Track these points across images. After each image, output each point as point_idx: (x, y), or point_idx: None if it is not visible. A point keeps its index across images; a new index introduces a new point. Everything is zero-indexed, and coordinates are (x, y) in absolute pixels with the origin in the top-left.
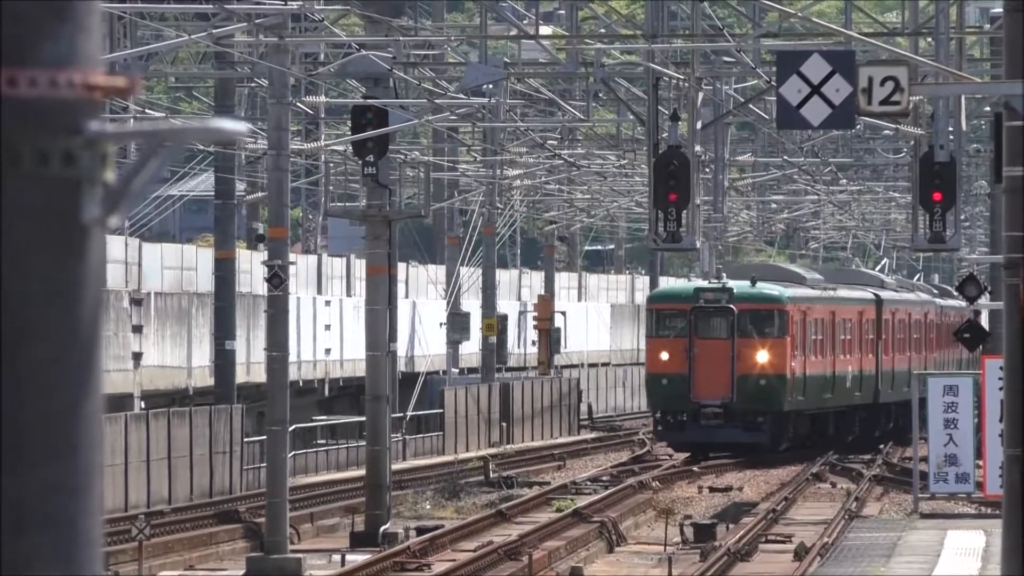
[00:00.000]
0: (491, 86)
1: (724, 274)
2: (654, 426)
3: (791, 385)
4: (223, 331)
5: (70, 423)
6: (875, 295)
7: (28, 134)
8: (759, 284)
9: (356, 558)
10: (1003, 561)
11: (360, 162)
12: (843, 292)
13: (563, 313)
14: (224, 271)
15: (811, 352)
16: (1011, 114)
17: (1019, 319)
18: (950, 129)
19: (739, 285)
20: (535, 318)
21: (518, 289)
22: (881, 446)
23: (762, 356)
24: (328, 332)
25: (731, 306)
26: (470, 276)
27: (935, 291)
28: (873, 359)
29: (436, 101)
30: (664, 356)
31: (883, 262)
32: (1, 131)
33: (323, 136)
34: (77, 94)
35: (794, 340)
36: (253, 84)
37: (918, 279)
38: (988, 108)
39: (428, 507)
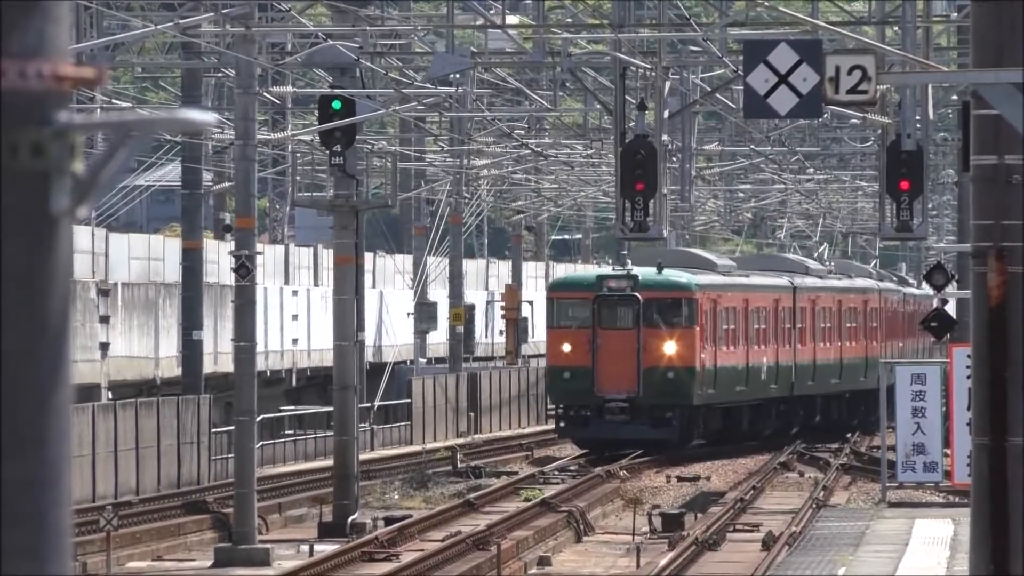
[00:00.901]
0: (458, 76)
1: (629, 260)
2: (556, 422)
3: (701, 378)
4: (190, 321)
5: (39, 415)
6: (790, 282)
7: None
8: (666, 271)
9: (324, 548)
10: (971, 550)
11: (327, 152)
12: (756, 279)
13: (530, 302)
14: (191, 261)
15: (722, 343)
16: (979, 102)
17: (987, 308)
18: (917, 118)
19: (644, 272)
20: (502, 307)
21: (485, 279)
22: (848, 435)
23: (669, 347)
24: (295, 322)
25: (636, 294)
26: (437, 266)
27: (894, 279)
28: (790, 349)
29: (403, 91)
30: (566, 348)
31: (822, 248)
32: None
33: (290, 126)
34: (46, 85)
35: (703, 330)
36: (220, 74)
37: (874, 266)
38: (955, 97)
39: (396, 497)
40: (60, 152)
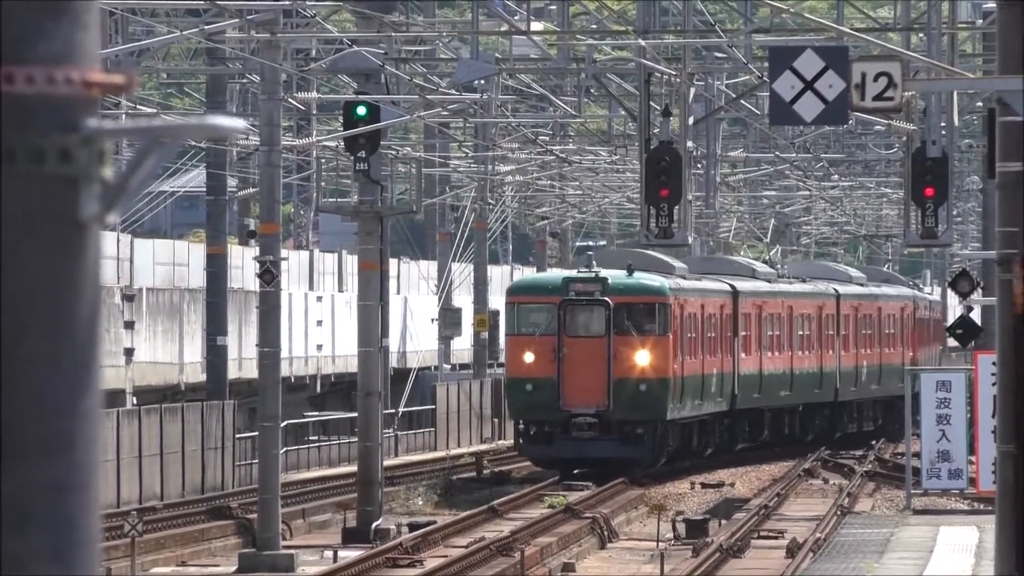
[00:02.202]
0: (482, 82)
1: (594, 261)
2: (515, 439)
3: (674, 390)
4: (215, 327)
5: (68, 420)
6: (731, 286)
7: (24, 131)
8: (636, 273)
9: (348, 554)
10: (997, 558)
11: (352, 158)
12: (708, 283)
13: None
14: (216, 267)
15: (688, 352)
16: (1004, 110)
17: (1012, 315)
18: (942, 124)
19: (614, 274)
20: None
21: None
22: (873, 442)
23: (642, 357)
24: (320, 328)
25: (606, 299)
26: (461, 272)
27: (908, 284)
28: (731, 359)
29: (428, 97)
30: (528, 358)
31: (773, 250)
32: None
33: (315, 132)
34: (75, 91)
35: (676, 338)
36: (245, 80)
37: (887, 268)
38: (980, 103)
39: (420, 503)
40: (88, 158)
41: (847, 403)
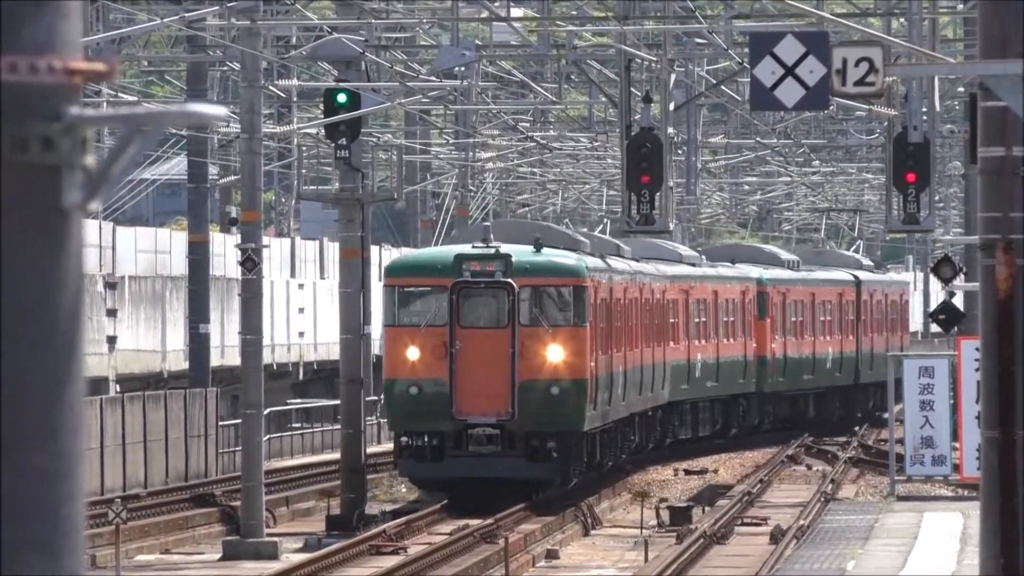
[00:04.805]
0: (463, 68)
1: (493, 235)
2: (396, 454)
3: (592, 394)
4: (197, 314)
5: (53, 407)
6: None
7: (7, 120)
8: (546, 250)
9: (332, 541)
10: (982, 544)
11: (332, 145)
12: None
13: None
14: (198, 254)
15: (603, 346)
16: (986, 94)
17: (995, 300)
18: (923, 110)
19: (519, 251)
20: None
21: None
22: (856, 428)
23: (555, 353)
24: (302, 315)
25: (510, 280)
26: None
27: (786, 263)
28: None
29: (408, 84)
30: (412, 354)
31: (603, 224)
32: None
33: (295, 119)
34: (57, 79)
35: (595, 329)
36: (225, 68)
37: (855, 250)
38: (962, 89)
39: (403, 490)
40: (71, 146)
41: (676, 404)
